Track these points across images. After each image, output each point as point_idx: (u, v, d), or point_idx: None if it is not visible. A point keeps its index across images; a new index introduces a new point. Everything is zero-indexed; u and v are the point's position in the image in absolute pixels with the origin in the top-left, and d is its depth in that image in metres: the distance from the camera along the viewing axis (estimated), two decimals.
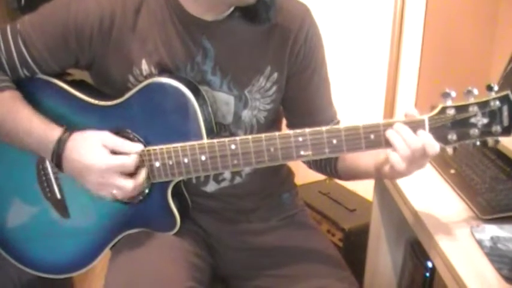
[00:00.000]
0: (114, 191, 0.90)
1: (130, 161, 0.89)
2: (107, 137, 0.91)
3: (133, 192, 0.92)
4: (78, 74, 1.04)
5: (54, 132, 0.92)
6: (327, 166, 1.07)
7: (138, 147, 0.91)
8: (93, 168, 0.89)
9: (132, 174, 0.91)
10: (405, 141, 0.83)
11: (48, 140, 0.91)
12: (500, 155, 1.17)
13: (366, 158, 0.95)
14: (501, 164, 1.14)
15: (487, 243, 0.88)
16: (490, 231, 0.92)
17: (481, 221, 0.96)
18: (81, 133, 0.92)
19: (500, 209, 0.97)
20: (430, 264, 1.32)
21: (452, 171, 1.16)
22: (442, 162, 1.20)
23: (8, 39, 0.94)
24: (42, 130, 0.92)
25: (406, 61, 1.81)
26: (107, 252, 1.04)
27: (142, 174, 0.92)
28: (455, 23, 1.70)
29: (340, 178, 1.08)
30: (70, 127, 0.93)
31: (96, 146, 0.89)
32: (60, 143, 0.91)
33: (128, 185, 0.90)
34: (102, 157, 0.89)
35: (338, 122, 1.08)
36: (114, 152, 0.90)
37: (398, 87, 1.85)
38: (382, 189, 1.34)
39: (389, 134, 0.84)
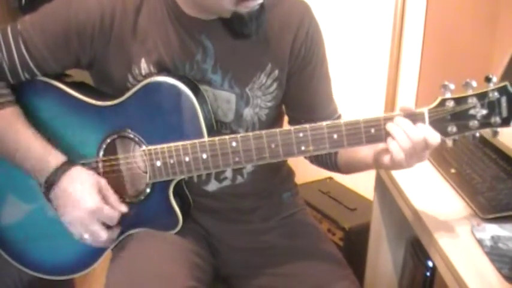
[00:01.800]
0: (86, 235, 0.93)
1: (115, 215, 0.93)
2: (103, 184, 0.94)
3: (100, 244, 0.95)
4: (78, 75, 1.04)
5: (54, 158, 0.93)
6: (327, 160, 1.07)
7: (124, 207, 0.95)
8: (81, 206, 0.91)
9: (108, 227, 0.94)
10: (406, 133, 0.83)
11: (46, 165, 0.93)
12: (500, 154, 1.17)
13: (365, 150, 0.95)
14: (502, 163, 1.14)
15: (488, 243, 0.88)
16: (491, 230, 0.92)
17: (481, 220, 0.96)
18: (82, 170, 0.94)
19: (500, 208, 0.97)
20: (430, 264, 1.32)
21: (453, 170, 1.16)
22: (442, 161, 1.20)
23: (8, 40, 0.94)
24: (41, 154, 0.93)
25: (407, 58, 1.81)
26: (107, 253, 1.04)
27: (117, 231, 0.96)
28: (455, 21, 1.70)
29: (340, 171, 1.08)
30: (69, 130, 0.95)
31: (91, 188, 0.92)
32: (59, 172, 0.92)
33: (102, 235, 0.93)
34: (95, 200, 0.91)
35: (339, 117, 1.08)
36: (103, 199, 0.93)
37: (399, 84, 1.85)
38: (382, 188, 1.34)
39: (390, 126, 0.84)
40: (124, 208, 0.95)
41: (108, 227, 0.94)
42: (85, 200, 0.91)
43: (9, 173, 1.02)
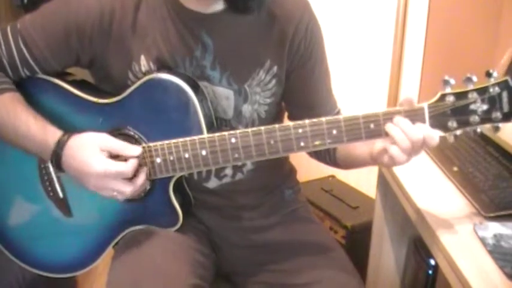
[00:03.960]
0: (114, 193, 0.90)
1: (127, 168, 0.89)
2: (105, 141, 0.90)
3: (133, 195, 0.93)
4: (79, 74, 1.04)
5: (53, 135, 0.91)
6: (326, 156, 1.07)
7: (137, 150, 0.91)
8: (90, 173, 0.89)
9: (131, 177, 0.91)
10: (405, 133, 0.82)
11: (47, 143, 0.91)
12: (503, 152, 1.16)
13: (362, 147, 0.95)
14: (504, 162, 1.14)
15: (490, 241, 0.88)
16: (493, 228, 0.91)
17: (484, 218, 0.96)
18: (79, 136, 0.91)
19: (503, 206, 0.97)
20: (432, 262, 1.32)
21: (455, 168, 1.15)
22: (445, 160, 1.20)
23: (8, 39, 0.94)
24: (42, 133, 0.92)
25: (410, 54, 1.81)
26: (109, 251, 1.04)
27: (142, 177, 0.92)
28: (458, 17, 1.70)
29: (339, 167, 1.08)
30: (69, 129, 0.93)
31: (94, 151, 0.89)
32: (59, 146, 0.90)
33: (127, 189, 0.90)
34: (100, 162, 0.88)
35: (339, 112, 1.08)
36: (113, 155, 0.90)
37: (402, 80, 1.85)
38: (385, 187, 1.34)
39: (389, 127, 0.84)
40: (134, 152, 0.90)
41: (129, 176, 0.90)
42: (91, 166, 0.88)
43: (11, 171, 1.02)
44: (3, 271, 1.19)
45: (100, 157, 0.88)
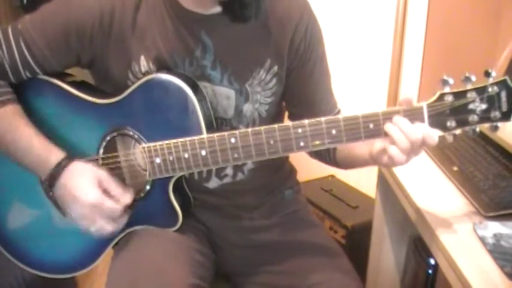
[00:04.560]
0: (95, 227, 0.92)
1: (117, 208, 0.91)
2: (103, 177, 0.92)
3: (108, 235, 0.94)
4: (79, 74, 1.04)
5: (56, 155, 0.92)
6: (327, 155, 1.07)
7: (129, 198, 0.93)
8: (82, 201, 0.90)
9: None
10: (404, 133, 0.82)
11: (48, 161, 0.92)
12: (503, 151, 1.16)
13: (362, 147, 0.94)
14: (504, 161, 1.14)
15: (490, 241, 0.88)
16: (493, 228, 0.91)
17: (483, 218, 0.96)
18: (81, 163, 0.93)
19: (503, 205, 0.97)
20: (432, 261, 1.32)
21: (455, 168, 1.15)
22: (445, 159, 1.20)
23: (9, 40, 0.94)
24: (44, 151, 0.92)
25: (409, 53, 1.81)
26: (109, 251, 1.04)
27: (124, 220, 0.94)
28: (458, 16, 1.70)
29: (339, 167, 1.08)
30: (69, 130, 0.94)
31: (92, 182, 0.91)
32: (59, 168, 0.91)
33: (108, 228, 0.92)
34: (95, 194, 0.90)
35: (339, 111, 1.08)
36: (105, 192, 0.91)
37: (401, 80, 1.85)
38: (384, 186, 1.33)
39: (388, 127, 0.84)
40: (127, 199, 0.93)
41: (115, 217, 0.92)
42: (85, 195, 0.90)
43: (11, 171, 1.02)
44: (3, 272, 1.19)
45: (96, 189, 0.91)
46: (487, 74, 0.81)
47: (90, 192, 0.90)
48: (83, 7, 0.92)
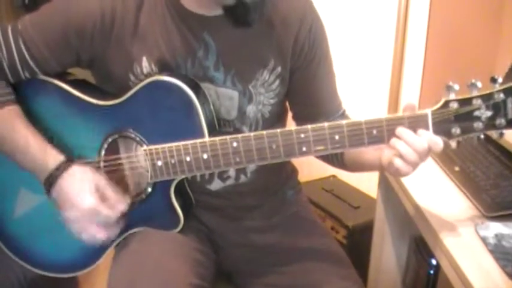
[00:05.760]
0: (84, 235, 0.91)
1: (112, 215, 0.91)
2: (101, 182, 0.92)
3: (99, 243, 0.93)
4: (80, 74, 1.04)
5: (55, 158, 0.92)
6: (334, 159, 1.06)
7: (123, 205, 0.92)
8: (78, 206, 0.89)
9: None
10: (409, 145, 0.82)
11: (46, 164, 0.91)
12: (504, 151, 1.16)
13: (371, 153, 0.94)
14: (505, 161, 1.14)
15: (491, 241, 0.88)
16: (495, 228, 0.91)
17: (485, 218, 0.96)
18: (80, 168, 0.92)
19: (504, 206, 0.97)
20: (434, 262, 1.32)
21: (457, 168, 1.15)
22: (446, 159, 1.20)
23: (9, 40, 0.94)
24: (41, 153, 0.92)
25: (411, 56, 1.80)
26: (110, 251, 1.04)
27: (117, 230, 0.94)
28: (459, 20, 1.70)
29: (347, 169, 1.08)
30: (70, 131, 0.93)
31: (90, 188, 0.90)
32: (58, 171, 0.91)
33: (100, 236, 0.91)
34: (92, 201, 0.89)
35: (344, 112, 1.08)
36: (101, 197, 0.91)
37: (403, 82, 1.84)
38: (386, 186, 1.34)
39: (394, 142, 0.83)
40: (122, 207, 0.92)
41: (108, 225, 0.93)
42: (81, 199, 0.89)
43: (12, 170, 1.02)
44: (5, 270, 1.19)
45: (93, 196, 0.90)
46: (493, 81, 0.80)
47: (87, 198, 0.89)
48: (84, 7, 0.92)
